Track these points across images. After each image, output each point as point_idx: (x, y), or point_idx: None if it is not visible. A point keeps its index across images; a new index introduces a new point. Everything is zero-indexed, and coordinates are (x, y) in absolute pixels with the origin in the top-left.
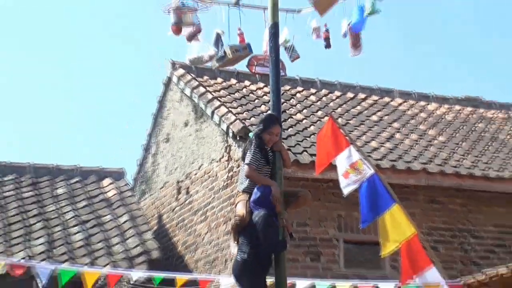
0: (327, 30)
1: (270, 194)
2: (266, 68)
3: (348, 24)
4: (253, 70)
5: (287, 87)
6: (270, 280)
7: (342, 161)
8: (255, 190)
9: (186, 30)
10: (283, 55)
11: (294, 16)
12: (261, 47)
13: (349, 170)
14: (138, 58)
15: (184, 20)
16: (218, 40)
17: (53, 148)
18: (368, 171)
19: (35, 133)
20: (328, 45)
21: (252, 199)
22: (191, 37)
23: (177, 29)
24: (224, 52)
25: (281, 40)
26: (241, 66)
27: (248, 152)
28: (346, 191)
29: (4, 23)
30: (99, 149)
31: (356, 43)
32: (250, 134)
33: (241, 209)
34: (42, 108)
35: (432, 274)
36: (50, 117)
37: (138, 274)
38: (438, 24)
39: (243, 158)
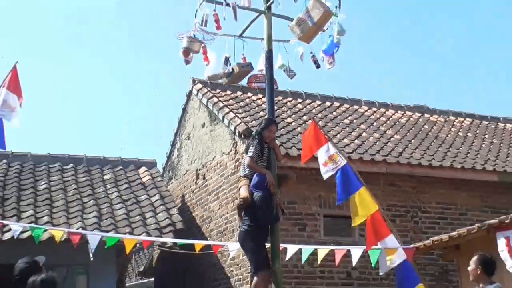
0: (313, 56)
1: (265, 180)
2: (263, 83)
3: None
4: (252, 86)
5: (280, 98)
6: (267, 246)
7: (322, 154)
8: (254, 176)
9: (189, 55)
10: (280, 74)
11: (285, 44)
12: (258, 67)
13: (328, 161)
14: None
15: (192, 47)
16: (226, 61)
17: (102, 143)
18: (342, 161)
19: (91, 129)
20: (318, 66)
21: (252, 183)
22: (188, 62)
23: (187, 54)
24: (232, 68)
25: (278, 64)
26: (245, 82)
27: (251, 146)
28: (325, 176)
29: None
30: (138, 144)
31: (330, 60)
32: (253, 133)
33: (244, 192)
34: (97, 111)
35: (391, 240)
36: (103, 118)
37: (166, 240)
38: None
39: (246, 151)
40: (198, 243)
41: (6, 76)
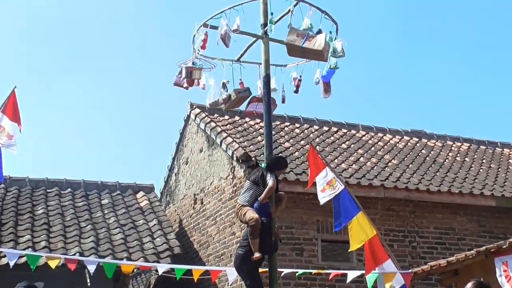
0: (299, 80)
1: (269, 208)
2: (260, 109)
3: (321, 75)
4: (253, 115)
5: (278, 122)
6: (265, 269)
7: (320, 180)
8: (255, 205)
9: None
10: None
11: (282, 69)
12: (259, 91)
13: (326, 187)
14: (165, 100)
15: (192, 76)
16: (224, 87)
17: (99, 168)
18: (340, 186)
19: (87, 155)
20: (296, 91)
21: (255, 207)
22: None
23: (191, 83)
24: (229, 95)
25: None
26: (243, 107)
27: (270, 175)
28: (322, 201)
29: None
30: (135, 169)
31: (326, 89)
32: (263, 165)
33: (253, 213)
34: (94, 135)
35: (389, 265)
36: (100, 143)
37: (163, 266)
38: (392, 69)
39: (253, 179)
40: (196, 269)
41: (4, 101)
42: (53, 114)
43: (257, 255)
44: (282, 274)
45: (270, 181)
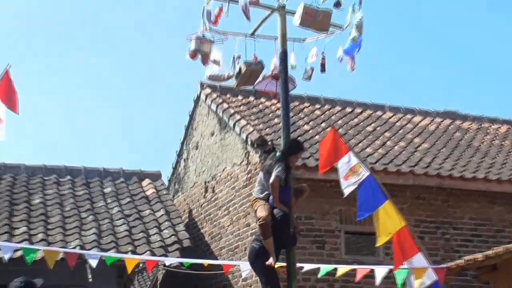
0: (323, 58)
1: (288, 199)
2: (273, 87)
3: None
4: (264, 91)
5: (296, 103)
6: (282, 264)
7: (343, 166)
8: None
9: (204, 57)
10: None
11: (301, 44)
12: (271, 68)
13: (349, 173)
14: (174, 78)
15: (201, 48)
16: (234, 62)
17: (102, 153)
18: (365, 173)
19: (87, 139)
20: (323, 70)
21: (271, 201)
22: (206, 62)
23: (194, 55)
24: (240, 68)
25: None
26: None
27: (278, 165)
28: (346, 191)
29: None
30: (141, 154)
31: (351, 64)
32: (277, 154)
33: (262, 212)
34: (96, 118)
35: (419, 260)
36: (101, 127)
37: (171, 260)
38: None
39: (267, 170)
40: (207, 263)
41: None
42: (53, 94)
43: (270, 260)
44: (303, 270)
45: (272, 177)
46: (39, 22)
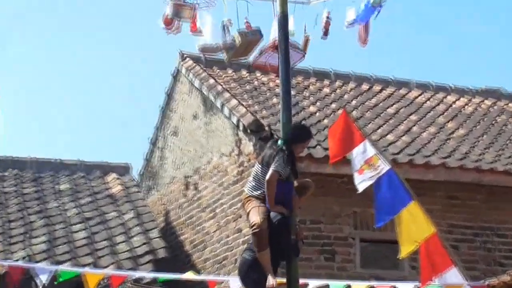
0: (327, 21)
1: (288, 196)
2: (275, 60)
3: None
4: (262, 66)
5: (300, 79)
6: (282, 280)
7: (356, 157)
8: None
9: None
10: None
11: (304, 7)
12: (271, 37)
13: (364, 166)
14: (146, 48)
15: (181, 15)
16: (225, 31)
17: (56, 142)
18: (384, 166)
19: (37, 126)
20: (325, 34)
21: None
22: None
23: (170, 22)
24: (233, 39)
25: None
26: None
27: (278, 157)
28: (361, 187)
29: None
30: (104, 143)
31: (363, 34)
32: (279, 142)
33: (256, 216)
34: (43, 100)
35: (453, 275)
36: (53, 109)
37: (143, 274)
38: (455, 13)
39: (266, 163)
40: (188, 278)
41: None
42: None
43: (271, 281)
44: (308, 287)
45: (269, 172)
46: None
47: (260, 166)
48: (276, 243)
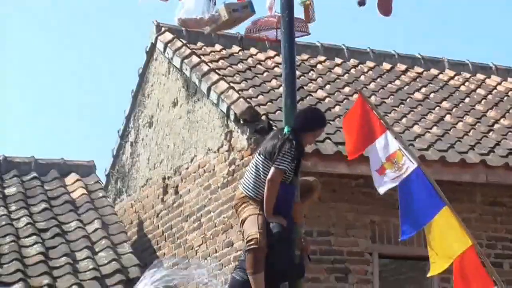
0: None
1: (290, 201)
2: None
3: None
4: (258, 37)
5: (305, 56)
6: None
7: (376, 153)
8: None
9: None
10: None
11: None
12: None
13: (386, 164)
14: (114, 18)
15: None
16: (210, 1)
17: (2, 135)
18: (410, 164)
19: None
20: (361, 3)
21: None
22: None
23: None
24: (219, 13)
25: None
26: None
27: (284, 150)
28: (382, 190)
29: None
30: (62, 137)
31: (384, 3)
32: (286, 130)
33: (252, 228)
34: None
35: None
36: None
37: None
38: None
39: (269, 151)
40: None
41: None
42: None
43: None
44: None
45: (271, 170)
46: None
47: (262, 159)
48: (276, 261)
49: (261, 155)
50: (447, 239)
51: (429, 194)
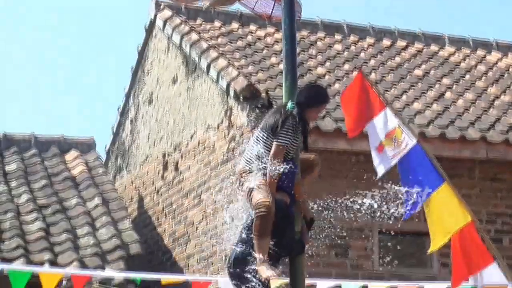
0: None
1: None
2: (275, 11)
3: None
4: (265, 16)
5: (305, 33)
6: (283, 281)
7: (375, 130)
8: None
9: None
10: None
11: None
12: None
13: (385, 141)
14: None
15: None
16: None
17: (1, 112)
18: (409, 141)
19: None
20: None
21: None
22: None
23: None
24: None
25: None
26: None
27: (287, 126)
28: (380, 170)
29: None
30: (63, 114)
31: None
32: (289, 106)
33: (263, 194)
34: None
35: (494, 273)
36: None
37: (112, 274)
38: None
39: (271, 126)
40: (167, 278)
41: None
42: None
43: (267, 272)
44: None
45: (273, 146)
46: None
47: (263, 133)
48: (277, 238)
49: (262, 130)
50: (446, 215)
51: (429, 170)
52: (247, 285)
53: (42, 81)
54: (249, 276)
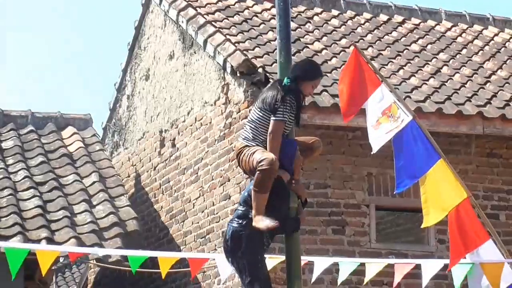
0: None
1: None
2: None
3: None
4: None
5: (302, 8)
6: (280, 256)
7: (371, 107)
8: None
9: None
10: None
11: None
12: None
13: (381, 118)
14: None
15: None
16: None
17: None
18: (405, 117)
19: None
20: None
21: None
22: None
23: None
24: None
25: None
26: None
27: (284, 101)
28: (376, 146)
29: None
30: (59, 90)
31: None
32: (285, 81)
33: (265, 154)
34: None
35: (490, 249)
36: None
37: (109, 251)
38: None
39: (268, 102)
40: (166, 257)
41: None
42: None
43: (263, 222)
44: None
45: (271, 122)
46: None
47: (259, 111)
48: (272, 215)
49: (259, 107)
50: (442, 192)
51: (424, 147)
52: (247, 266)
53: (37, 58)
54: (247, 253)
